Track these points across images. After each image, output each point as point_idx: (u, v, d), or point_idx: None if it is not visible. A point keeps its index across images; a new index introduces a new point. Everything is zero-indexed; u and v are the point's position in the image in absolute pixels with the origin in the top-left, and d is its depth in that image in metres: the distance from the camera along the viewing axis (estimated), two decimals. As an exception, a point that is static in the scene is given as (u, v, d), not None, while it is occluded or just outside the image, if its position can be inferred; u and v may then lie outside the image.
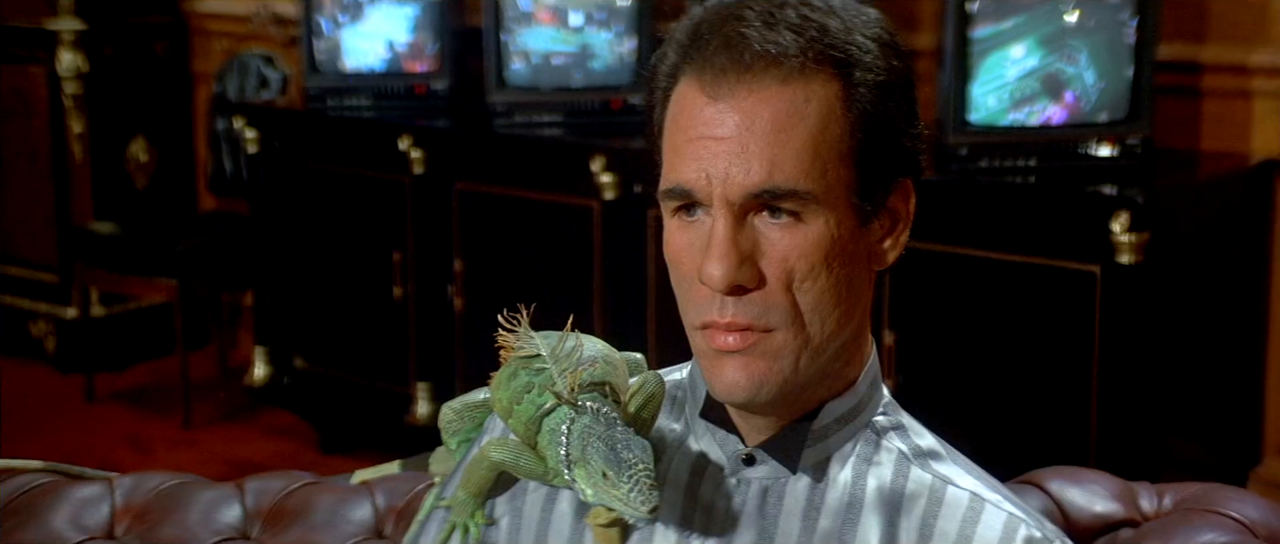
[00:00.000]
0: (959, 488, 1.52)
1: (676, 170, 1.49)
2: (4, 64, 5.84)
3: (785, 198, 1.45)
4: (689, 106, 1.49)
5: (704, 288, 1.47)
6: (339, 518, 1.94)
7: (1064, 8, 3.92)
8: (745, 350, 1.48)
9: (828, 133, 1.47)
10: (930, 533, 1.50)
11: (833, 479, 1.52)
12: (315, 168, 4.99)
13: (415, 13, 4.95)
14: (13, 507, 1.94)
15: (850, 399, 1.53)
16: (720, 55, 1.47)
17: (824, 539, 1.50)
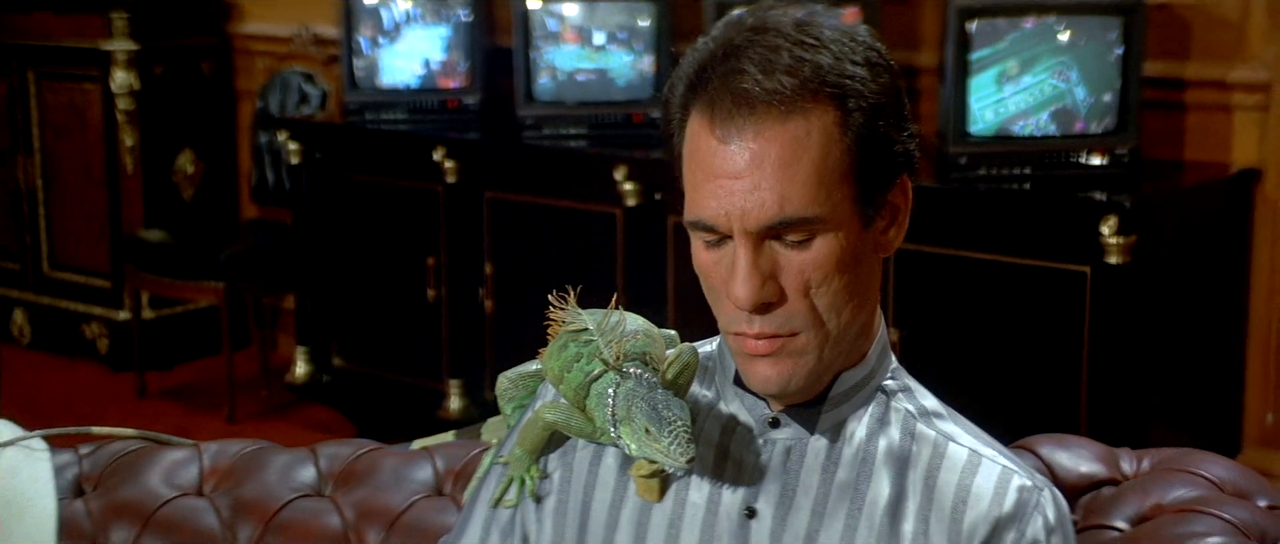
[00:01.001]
0: (959, 445, 1.61)
1: (698, 206, 1.57)
2: (62, 82, 5.88)
3: (796, 226, 1.54)
4: (702, 146, 1.57)
5: (730, 304, 1.57)
6: (403, 478, 2.03)
7: (1056, 28, 3.96)
8: (774, 354, 1.57)
9: (829, 158, 1.55)
10: (934, 484, 1.59)
11: (848, 438, 1.61)
12: (354, 178, 5.03)
13: (448, 33, 4.98)
14: (113, 467, 2.06)
15: (863, 369, 1.62)
16: (724, 98, 1.54)
17: (841, 490, 1.59)
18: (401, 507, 2.01)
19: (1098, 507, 1.86)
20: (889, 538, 1.59)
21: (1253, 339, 4.16)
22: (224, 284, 5.23)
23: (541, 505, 1.70)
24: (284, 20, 5.79)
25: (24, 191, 6.04)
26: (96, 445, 2.13)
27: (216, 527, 2.01)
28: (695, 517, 1.63)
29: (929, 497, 1.60)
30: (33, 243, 6.02)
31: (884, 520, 1.59)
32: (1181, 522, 1.78)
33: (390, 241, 4.98)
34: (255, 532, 2.00)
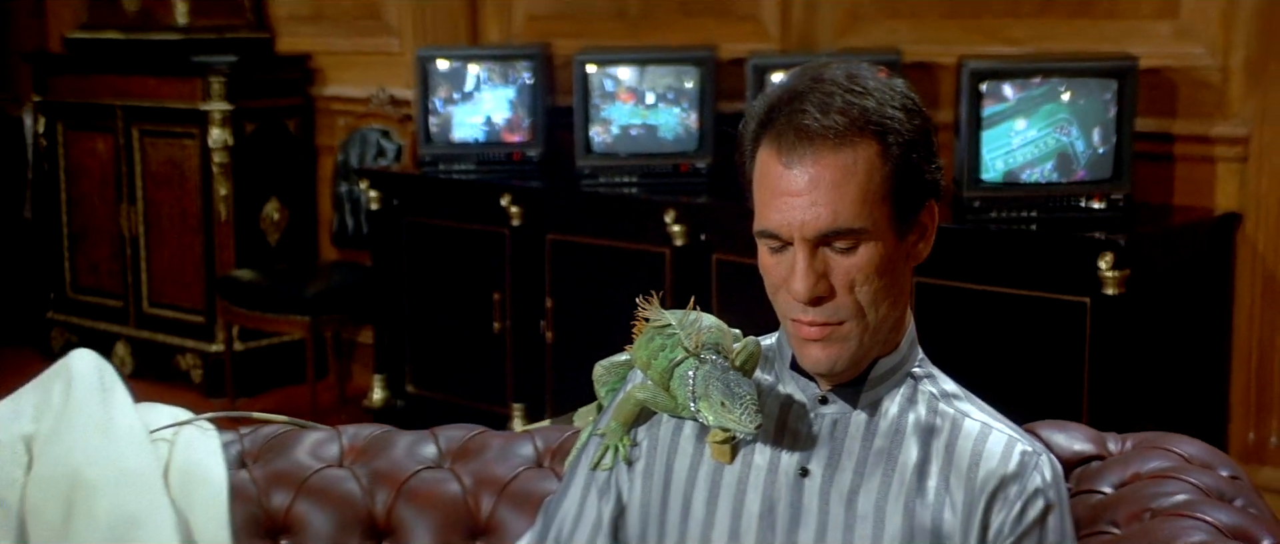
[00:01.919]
0: (973, 419, 1.81)
1: (766, 218, 1.76)
2: (163, 138, 5.94)
3: (845, 235, 1.72)
4: (770, 170, 1.75)
5: (790, 296, 1.75)
6: (509, 454, 2.24)
7: (1059, 88, 4.03)
8: (824, 339, 1.76)
9: (872, 182, 1.73)
10: (954, 450, 1.78)
11: (884, 413, 1.80)
12: (427, 222, 5.10)
13: (513, 94, 5.07)
14: (268, 445, 2.26)
15: (896, 357, 1.81)
16: (789, 132, 1.73)
17: (878, 455, 1.78)
18: (509, 476, 2.20)
19: (1087, 476, 2.01)
20: (916, 493, 1.76)
21: (1236, 364, 4.18)
22: (309, 318, 5.30)
23: (632, 468, 1.88)
24: (362, 84, 5.86)
25: (127, 237, 6.06)
26: (252, 428, 2.32)
27: (358, 492, 2.19)
28: (759, 476, 1.81)
29: (949, 460, 1.78)
30: (134, 282, 6.06)
31: (913, 479, 1.77)
32: (1155, 486, 1.91)
33: (460, 279, 5.03)
34: (390, 496, 2.18)
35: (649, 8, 5.26)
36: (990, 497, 1.76)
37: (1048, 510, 1.77)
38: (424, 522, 2.19)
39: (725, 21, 5.05)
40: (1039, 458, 1.79)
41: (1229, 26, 4.14)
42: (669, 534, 1.85)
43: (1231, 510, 1.84)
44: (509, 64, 5.11)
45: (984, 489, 1.76)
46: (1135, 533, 1.82)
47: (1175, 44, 4.24)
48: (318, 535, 2.19)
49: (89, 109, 6.15)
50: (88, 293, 6.29)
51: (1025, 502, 1.76)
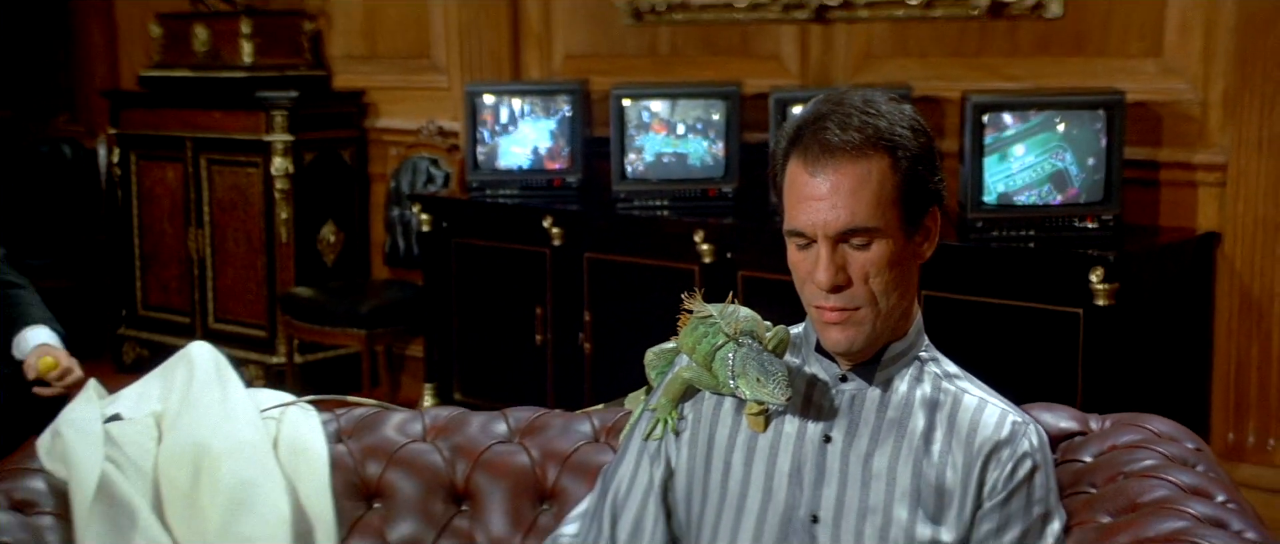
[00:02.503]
0: (971, 395, 1.98)
1: (794, 219, 1.92)
2: (229, 167, 6.01)
3: (860, 233, 1.89)
4: (797, 178, 1.92)
5: (815, 285, 1.92)
6: (570, 431, 2.42)
7: (1054, 119, 4.08)
8: (842, 322, 1.92)
9: (883, 189, 1.89)
10: (954, 421, 1.95)
11: (895, 389, 1.97)
12: (474, 243, 5.12)
13: (554, 125, 5.11)
14: (360, 424, 2.46)
15: (905, 342, 1.98)
16: (814, 146, 1.90)
17: (890, 424, 1.95)
18: (570, 449, 2.38)
19: (1071, 448, 2.16)
20: (923, 455, 1.93)
21: (1216, 370, 4.21)
22: (364, 332, 5.36)
23: (679, 438, 2.05)
24: (412, 116, 5.90)
25: (195, 258, 6.12)
26: (344, 410, 2.51)
27: (441, 463, 2.39)
28: (788, 442, 1.98)
29: (951, 428, 1.95)
30: (201, 300, 6.11)
31: (920, 444, 1.94)
32: (1128, 454, 2.08)
33: (504, 295, 5.06)
34: (468, 467, 2.38)
35: (678, 46, 5.28)
36: (986, 458, 1.92)
37: (1034, 470, 1.93)
38: (498, 488, 2.37)
39: (749, 59, 5.09)
40: (1027, 427, 1.95)
41: (1208, 64, 4.18)
42: (711, 493, 2.01)
43: (1193, 474, 2.00)
44: (550, 98, 5.13)
45: (980, 452, 1.92)
46: (1109, 492, 1.99)
47: (1159, 80, 4.28)
48: (406, 500, 2.37)
49: (160, 140, 6.20)
50: (158, 310, 6.34)
51: (1015, 463, 1.92)
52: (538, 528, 2.34)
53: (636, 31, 5.36)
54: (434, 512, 2.39)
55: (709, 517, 2.01)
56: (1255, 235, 4.10)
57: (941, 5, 4.62)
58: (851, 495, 1.94)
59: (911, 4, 4.67)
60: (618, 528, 2.08)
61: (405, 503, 2.39)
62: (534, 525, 2.35)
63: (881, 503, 1.93)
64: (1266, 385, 4.13)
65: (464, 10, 5.71)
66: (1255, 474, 4.09)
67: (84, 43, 7.15)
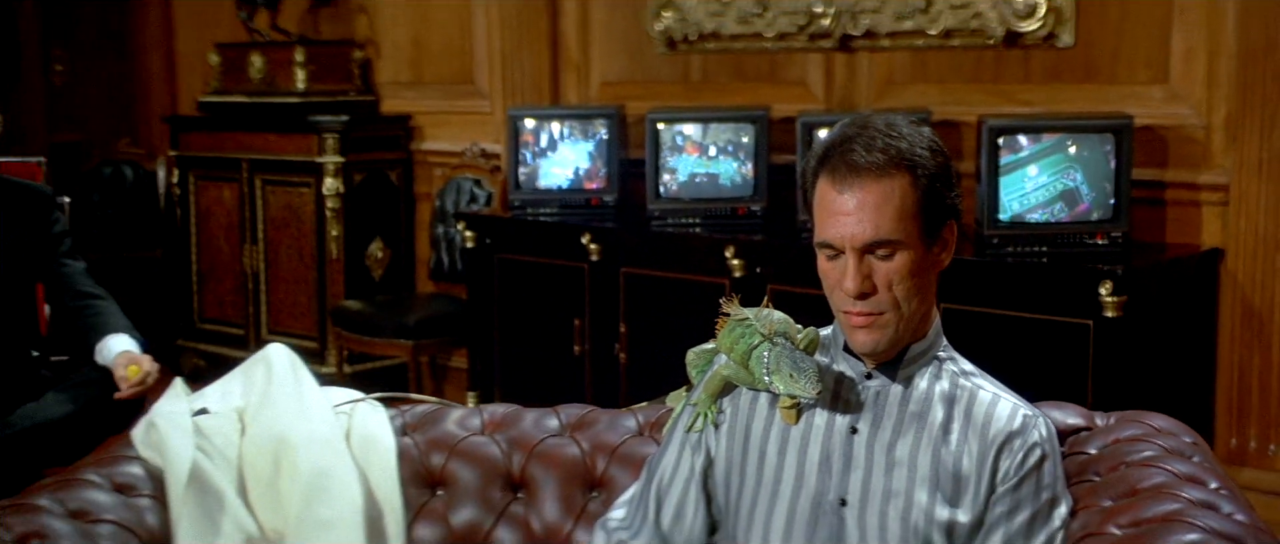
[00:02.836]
0: (986, 391, 2.07)
1: (823, 232, 2.01)
2: (282, 187, 6.09)
3: (884, 245, 1.98)
4: (826, 195, 2.00)
5: (843, 292, 2.00)
6: (617, 426, 2.51)
7: (1066, 142, 4.09)
8: (868, 325, 2.01)
9: (905, 204, 1.98)
10: (970, 414, 2.04)
11: (916, 386, 2.06)
12: (516, 258, 5.16)
13: (592, 147, 5.16)
14: (423, 419, 2.56)
15: (925, 343, 2.07)
16: (841, 166, 1.99)
17: (911, 417, 2.04)
18: (618, 442, 2.48)
19: (1078, 442, 2.25)
20: (942, 444, 2.02)
21: (1220, 378, 4.21)
22: (411, 343, 5.40)
23: (718, 430, 2.14)
24: (456, 139, 5.96)
25: (249, 273, 6.21)
26: (408, 407, 2.60)
27: (498, 455, 2.48)
28: (818, 433, 2.07)
29: (967, 420, 2.04)
30: (255, 312, 6.20)
31: (939, 434, 2.03)
32: (1130, 447, 2.16)
33: (544, 308, 5.08)
34: (524, 458, 2.48)
35: (709, 73, 5.31)
36: (999, 448, 2.01)
37: (1043, 459, 2.02)
38: (551, 477, 2.47)
39: (777, 85, 5.11)
40: (1037, 419, 2.05)
41: (1211, 91, 4.19)
42: (748, 480, 2.10)
43: (1188, 464, 2.10)
44: (588, 122, 5.18)
45: (994, 442, 2.01)
46: (1112, 479, 2.08)
47: (1165, 105, 4.29)
48: (467, 488, 2.48)
49: (218, 162, 6.30)
50: (213, 322, 6.43)
51: (1026, 452, 2.01)
52: (587, 514, 2.43)
53: (670, 59, 5.40)
54: (492, 499, 2.48)
55: (746, 501, 2.10)
56: (1256, 251, 4.10)
57: (959, 35, 4.65)
58: (876, 481, 2.03)
59: (931, 33, 4.69)
60: (662, 512, 2.17)
61: (466, 491, 2.48)
62: (584, 511, 2.44)
63: (903, 488, 2.01)
64: (1267, 393, 4.12)
65: (506, 39, 5.75)
66: (1257, 478, 4.09)
67: (145, 71, 7.27)
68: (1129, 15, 4.35)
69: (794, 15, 4.99)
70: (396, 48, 6.29)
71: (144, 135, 7.15)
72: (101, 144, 7.00)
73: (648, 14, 5.39)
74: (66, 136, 6.86)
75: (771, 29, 5.06)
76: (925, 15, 4.70)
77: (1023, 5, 4.48)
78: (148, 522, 2.26)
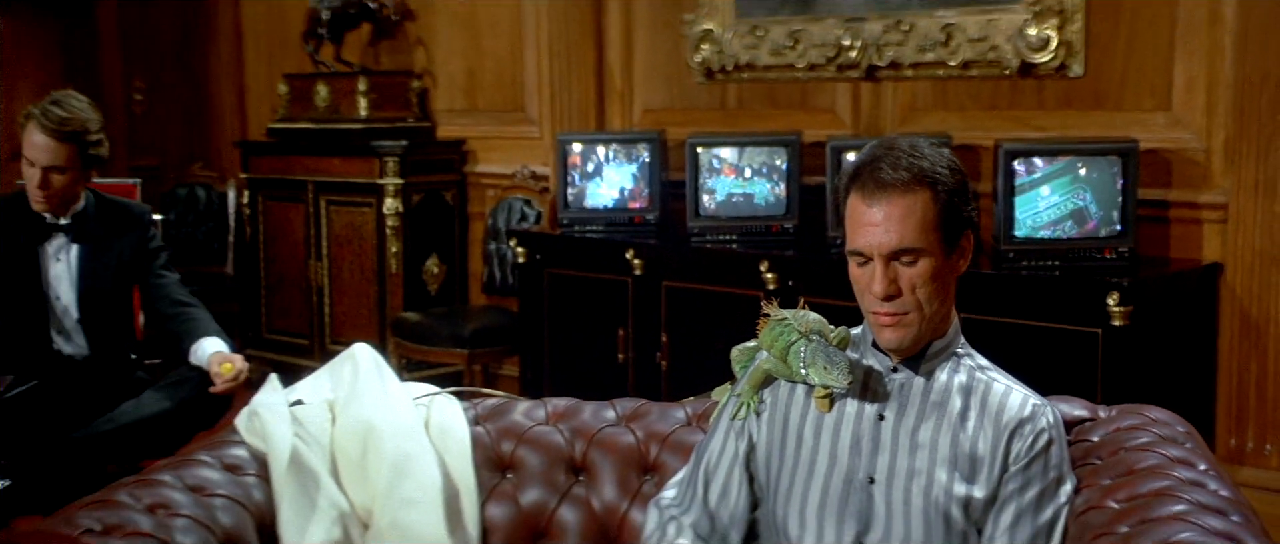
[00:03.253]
0: (999, 383, 2.18)
1: (854, 241, 2.12)
2: (345, 207, 6.19)
3: (908, 252, 2.09)
4: (857, 208, 2.11)
5: (872, 294, 2.13)
6: (667, 417, 2.62)
7: (1076, 164, 4.13)
8: (894, 324, 2.12)
9: (927, 217, 2.09)
10: (986, 403, 2.15)
11: (937, 378, 2.17)
12: (564, 273, 5.21)
13: (635, 170, 5.22)
14: (493, 411, 2.67)
15: (944, 340, 2.18)
16: (870, 182, 2.10)
17: (932, 406, 2.14)
18: (669, 431, 2.59)
19: (1082, 431, 2.35)
20: (960, 430, 2.12)
21: (1220, 383, 4.23)
22: (466, 351, 5.45)
23: (760, 418, 2.25)
24: (507, 162, 6.05)
25: (314, 286, 6.33)
26: (480, 400, 2.72)
27: (562, 442, 2.60)
28: (849, 420, 2.18)
29: (982, 409, 2.14)
30: (319, 323, 6.33)
31: (957, 421, 2.13)
32: (1129, 435, 2.27)
33: (591, 319, 5.13)
34: (585, 445, 2.59)
35: (744, 101, 5.36)
36: (1011, 432, 2.12)
37: (1050, 443, 2.13)
38: (609, 462, 2.58)
39: (808, 112, 5.16)
40: (1045, 408, 2.16)
41: (1211, 118, 4.22)
42: (786, 461, 2.22)
43: (1181, 449, 2.21)
44: (631, 146, 5.23)
45: (1006, 428, 2.12)
46: (1111, 462, 2.20)
47: (1168, 131, 4.32)
48: (533, 472, 2.59)
49: (285, 184, 6.42)
50: (280, 333, 6.54)
51: (1035, 436, 2.12)
52: (642, 495, 2.54)
53: (707, 88, 5.45)
54: (557, 481, 2.59)
55: (784, 480, 2.22)
56: (1253, 266, 4.12)
57: (977, 66, 4.68)
58: (901, 462, 2.14)
59: (950, 64, 4.74)
60: (709, 491, 2.29)
61: (533, 474, 2.59)
62: (638, 493, 2.55)
63: (925, 467, 2.13)
64: (1264, 397, 4.14)
65: (554, 69, 5.81)
66: (1254, 476, 4.11)
67: (217, 100, 7.40)
68: (1134, 48, 4.39)
69: (823, 48, 5.05)
70: (452, 78, 6.37)
71: (216, 159, 7.28)
72: (177, 168, 7.16)
73: (687, 46, 5.46)
74: (145, 161, 7.00)
75: (803, 60, 5.12)
76: (945, 48, 4.75)
77: (1036, 38, 4.53)
78: (255, 497, 2.39)
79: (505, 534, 2.58)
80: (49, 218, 3.72)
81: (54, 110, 3.62)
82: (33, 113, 3.64)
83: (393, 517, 2.47)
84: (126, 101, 7.18)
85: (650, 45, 5.67)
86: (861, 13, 4.97)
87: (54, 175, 3.63)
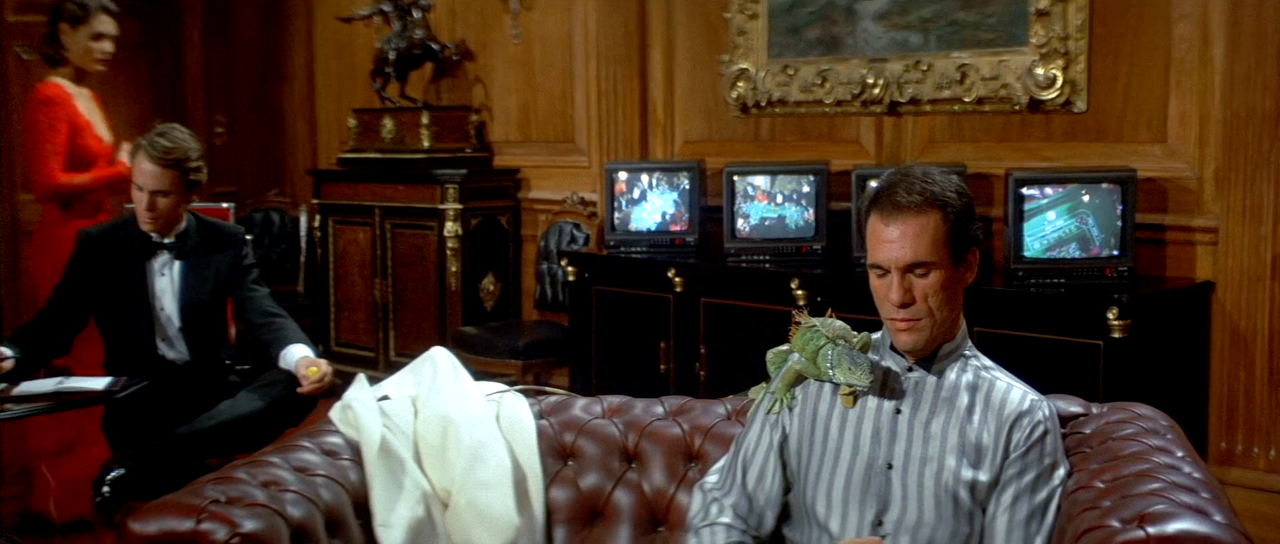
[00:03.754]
0: (1002, 381, 2.31)
1: (874, 256, 2.25)
2: (408, 230, 6.25)
3: (922, 266, 2.22)
4: (876, 227, 2.25)
5: (890, 303, 2.28)
6: (710, 412, 2.76)
7: (1080, 191, 4.16)
8: (909, 329, 2.25)
9: (937, 235, 2.22)
10: (990, 398, 2.27)
11: (947, 377, 2.30)
12: (611, 290, 5.25)
13: (676, 196, 5.28)
14: (555, 406, 2.83)
15: (953, 343, 2.31)
16: (888, 204, 2.23)
17: (943, 401, 2.27)
18: (711, 424, 2.72)
19: (1076, 425, 2.49)
20: (966, 422, 2.25)
21: (1212, 391, 4.24)
22: (520, 362, 5.45)
23: (792, 412, 2.39)
24: (558, 189, 6.11)
25: (379, 303, 6.38)
26: (543, 397, 2.87)
27: (617, 434, 2.74)
28: (870, 413, 2.32)
29: (987, 403, 2.27)
30: (384, 338, 6.38)
31: (964, 414, 2.26)
32: (1117, 427, 2.42)
33: (635, 332, 5.14)
34: (637, 436, 2.74)
35: (777, 133, 5.37)
36: (1011, 424, 2.26)
37: (1046, 433, 2.27)
38: (658, 451, 2.73)
39: (835, 143, 5.19)
40: (1042, 402, 2.29)
41: (1202, 150, 4.25)
42: (815, 450, 2.35)
43: (1162, 439, 2.37)
44: (673, 174, 5.28)
45: (1007, 419, 2.26)
46: (1100, 450, 2.35)
47: (1164, 161, 4.34)
48: (591, 459, 2.74)
49: (354, 209, 6.46)
50: (348, 346, 6.59)
51: (1032, 427, 2.26)
52: (687, 480, 2.68)
53: (743, 122, 5.48)
54: (612, 467, 2.73)
55: (813, 466, 2.36)
56: (1242, 284, 4.14)
57: (990, 102, 4.71)
58: (915, 450, 2.28)
59: (966, 101, 4.76)
60: (748, 476, 2.43)
61: (591, 461, 2.73)
62: (684, 478, 2.69)
63: (936, 455, 2.27)
64: (1252, 404, 4.16)
65: (602, 104, 5.87)
66: (1243, 476, 4.15)
67: (291, 133, 7.53)
68: (1133, 86, 4.42)
69: (849, 85, 5.08)
70: (507, 112, 6.42)
71: (290, 187, 7.38)
72: (253, 194, 7.25)
73: (724, 84, 5.50)
74: (224, 188, 7.09)
75: (830, 97, 5.15)
76: (961, 86, 4.79)
77: (1043, 78, 4.56)
78: (350, 478, 2.57)
79: (566, 514, 2.71)
80: (155, 237, 3.89)
81: (159, 141, 3.82)
82: (141, 143, 3.85)
83: (469, 497, 2.62)
84: (209, 134, 7.27)
85: (690, 82, 5.70)
86: (884, 54, 5.04)
87: (159, 199, 3.83)
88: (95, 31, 4.55)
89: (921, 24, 4.93)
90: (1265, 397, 4.17)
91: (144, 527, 2.17)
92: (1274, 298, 4.13)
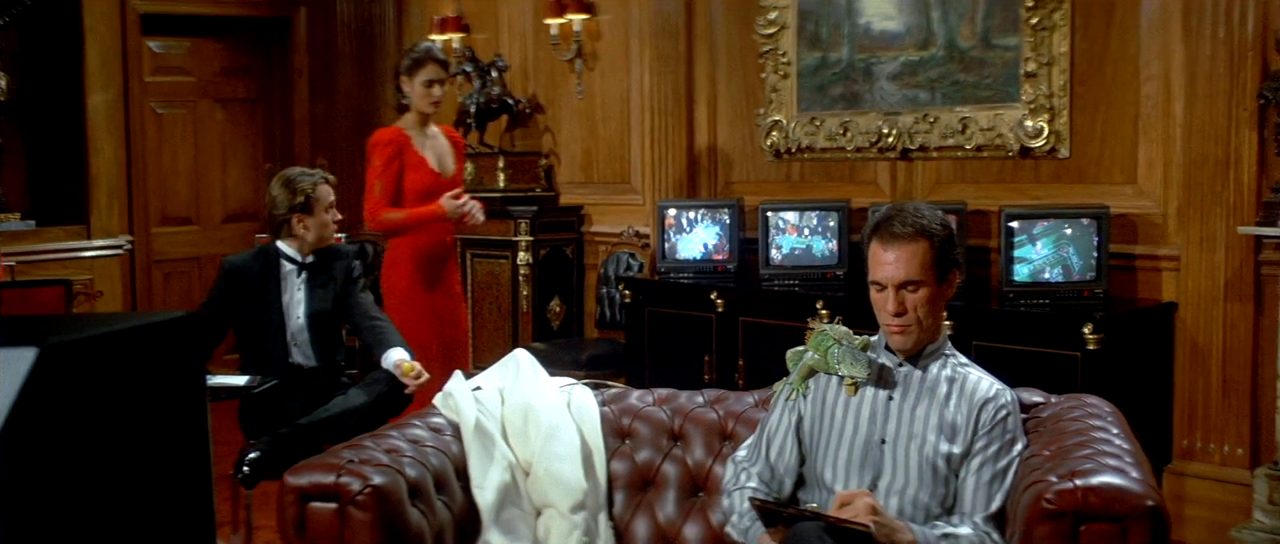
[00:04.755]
0: (975, 375, 2.56)
1: (874, 274, 2.49)
2: (486, 259, 6.45)
3: (912, 284, 2.46)
4: (876, 251, 2.49)
5: (886, 312, 2.52)
6: (741, 401, 3.00)
7: (1062, 225, 4.30)
8: (901, 333, 2.49)
9: (926, 259, 2.45)
10: (964, 388, 2.52)
11: (930, 371, 2.55)
12: (661, 310, 5.39)
13: (719, 229, 5.43)
14: (615, 396, 3.08)
15: (936, 345, 2.56)
16: (886, 234, 2.47)
17: (926, 390, 2.51)
18: (742, 410, 2.97)
19: (1037, 411, 2.71)
20: (944, 407, 2.49)
21: (1176, 397, 4.38)
22: (583, 374, 5.24)
23: (806, 398, 2.64)
24: (616, 224, 6.28)
25: None
26: (606, 388, 3.14)
27: (665, 418, 3.00)
28: (868, 400, 2.57)
29: (961, 391, 2.52)
30: (463, 353, 6.12)
31: (943, 400, 2.50)
32: (1069, 412, 2.64)
33: (682, 348, 5.27)
34: (682, 420, 2.98)
35: (805, 175, 5.54)
36: (980, 407, 2.50)
37: (1007, 415, 2.52)
38: (699, 431, 2.98)
39: (855, 184, 5.36)
40: (1006, 391, 2.55)
41: (1166, 190, 4.41)
42: (824, 429, 2.60)
43: (1103, 421, 2.61)
44: (716, 210, 5.43)
45: (977, 404, 2.51)
46: (1053, 430, 2.59)
47: (1134, 199, 4.49)
48: (644, 439, 3.00)
49: None
50: None
51: (997, 409, 2.51)
52: (722, 455, 2.92)
53: (776, 165, 5.65)
54: (661, 445, 2.97)
55: (822, 442, 2.62)
56: (1200, 305, 4.30)
57: (987, 149, 4.88)
58: (904, 429, 2.53)
59: (967, 148, 4.94)
60: (770, 450, 2.69)
61: (643, 440, 2.98)
62: (720, 453, 2.93)
63: (921, 432, 2.51)
64: (1209, 408, 4.31)
65: (655, 150, 6.05)
66: (1202, 469, 4.31)
67: None
68: (1107, 136, 4.57)
69: (867, 135, 5.27)
70: (572, 157, 6.60)
71: None
72: (350, 228, 7.41)
73: (760, 133, 5.67)
74: None
75: (851, 144, 5.33)
76: (962, 135, 4.98)
77: (1032, 129, 4.74)
78: (452, 449, 2.87)
79: (624, 481, 2.96)
80: (287, 261, 4.24)
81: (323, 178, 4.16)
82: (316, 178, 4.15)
83: (546, 467, 2.88)
84: (313, 176, 7.64)
85: (730, 132, 5.86)
86: (897, 108, 5.21)
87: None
88: (427, 79, 4.62)
89: (929, 83, 5.10)
90: (1219, 402, 4.30)
91: (298, 480, 2.54)
92: (1227, 317, 4.25)
